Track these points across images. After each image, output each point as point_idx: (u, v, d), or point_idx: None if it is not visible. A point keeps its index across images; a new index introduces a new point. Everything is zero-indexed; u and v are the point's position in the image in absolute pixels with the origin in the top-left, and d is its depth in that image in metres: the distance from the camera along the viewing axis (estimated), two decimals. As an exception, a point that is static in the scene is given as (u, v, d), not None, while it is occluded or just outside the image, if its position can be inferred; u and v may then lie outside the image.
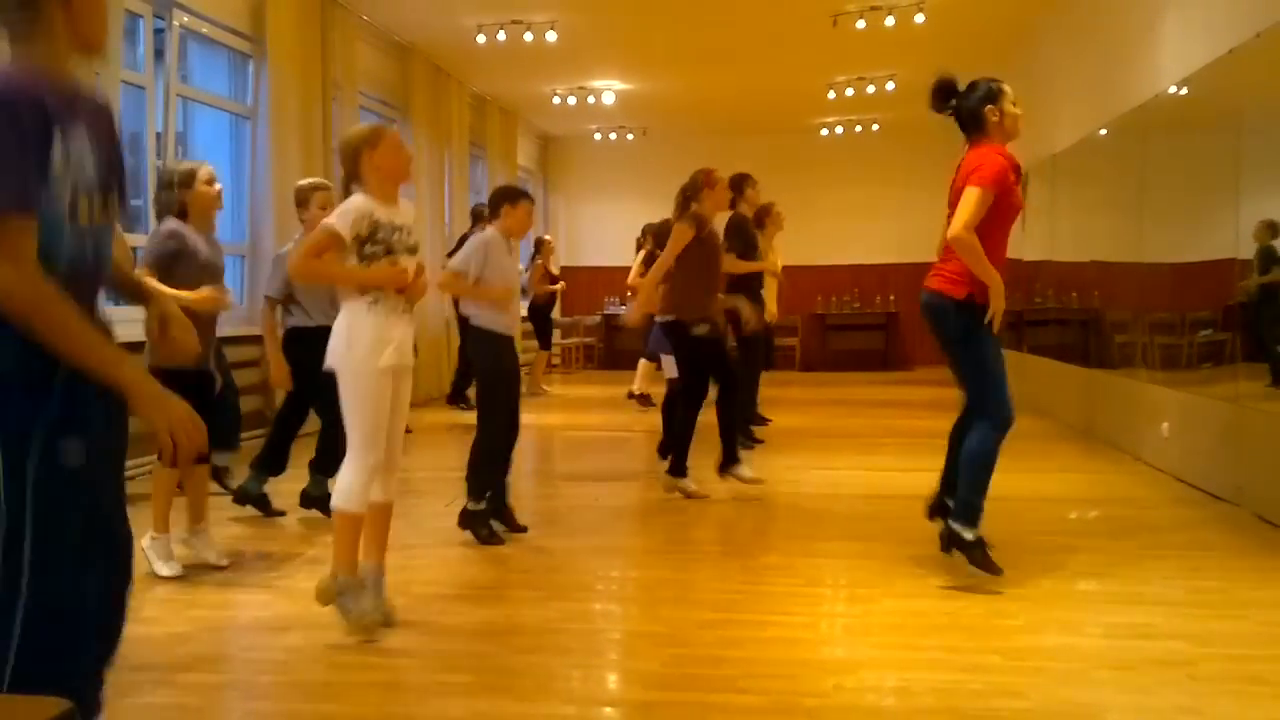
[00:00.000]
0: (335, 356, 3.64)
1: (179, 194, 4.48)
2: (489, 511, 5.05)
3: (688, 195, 6.01)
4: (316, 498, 5.49)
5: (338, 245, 3.58)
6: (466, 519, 5.01)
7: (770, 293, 8.57)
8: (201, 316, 4.53)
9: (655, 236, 8.09)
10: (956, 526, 4.26)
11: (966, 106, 4.33)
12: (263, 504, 5.61)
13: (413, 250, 3.73)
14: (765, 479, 6.17)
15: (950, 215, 4.29)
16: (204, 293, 4.36)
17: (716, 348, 6.04)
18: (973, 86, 4.35)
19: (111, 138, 2.16)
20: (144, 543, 4.35)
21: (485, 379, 5.16)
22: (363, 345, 3.59)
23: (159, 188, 4.63)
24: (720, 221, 6.84)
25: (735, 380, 6.11)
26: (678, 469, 6.05)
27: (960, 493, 4.30)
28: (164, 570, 4.38)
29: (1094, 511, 5.77)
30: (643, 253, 9.78)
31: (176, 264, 4.40)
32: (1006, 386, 4.24)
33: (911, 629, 3.75)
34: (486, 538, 4.95)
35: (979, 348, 4.22)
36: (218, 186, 4.60)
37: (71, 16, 2.04)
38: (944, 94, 4.40)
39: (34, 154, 1.93)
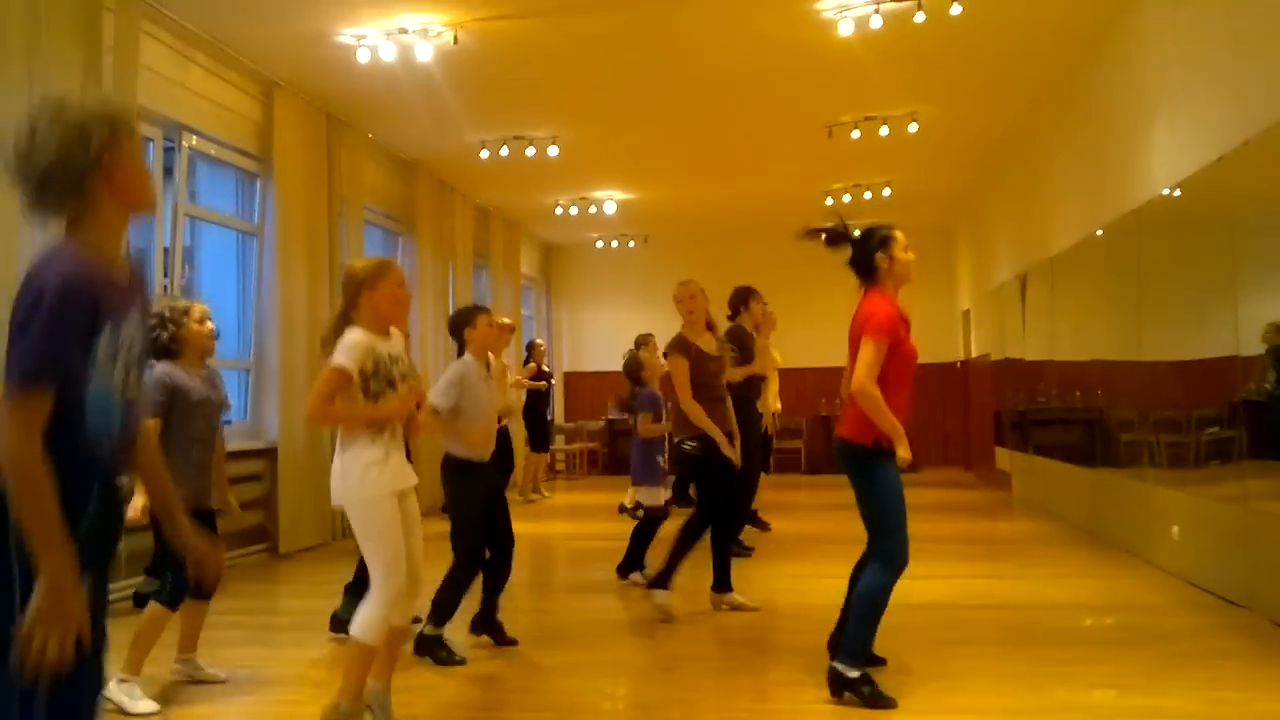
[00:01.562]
0: (343, 492, 3.67)
1: (170, 332, 4.44)
2: (485, 619, 5.08)
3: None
4: (346, 621, 5.34)
5: (348, 385, 3.63)
6: (424, 645, 4.90)
7: (771, 391, 8.59)
8: (204, 452, 4.51)
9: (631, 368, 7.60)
10: (841, 666, 4.15)
11: (859, 256, 4.42)
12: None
13: (405, 377, 3.79)
14: (760, 607, 5.99)
15: (851, 362, 4.35)
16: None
17: (707, 467, 5.87)
18: (867, 235, 4.43)
19: (146, 312, 2.29)
20: (111, 686, 4.05)
21: (458, 514, 5.07)
22: (370, 476, 3.63)
23: (150, 322, 4.55)
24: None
25: (728, 511, 5.97)
26: (663, 579, 5.87)
27: (850, 630, 4.23)
28: (142, 708, 4.14)
29: (1108, 619, 5.67)
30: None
31: (172, 407, 4.38)
32: (905, 530, 4.22)
33: (925, 748, 3.66)
34: (445, 659, 4.85)
35: (883, 490, 4.22)
36: (210, 325, 4.57)
37: (115, 190, 2.16)
38: (835, 241, 4.49)
39: (76, 341, 2.05)
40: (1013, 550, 8.21)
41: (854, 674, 4.11)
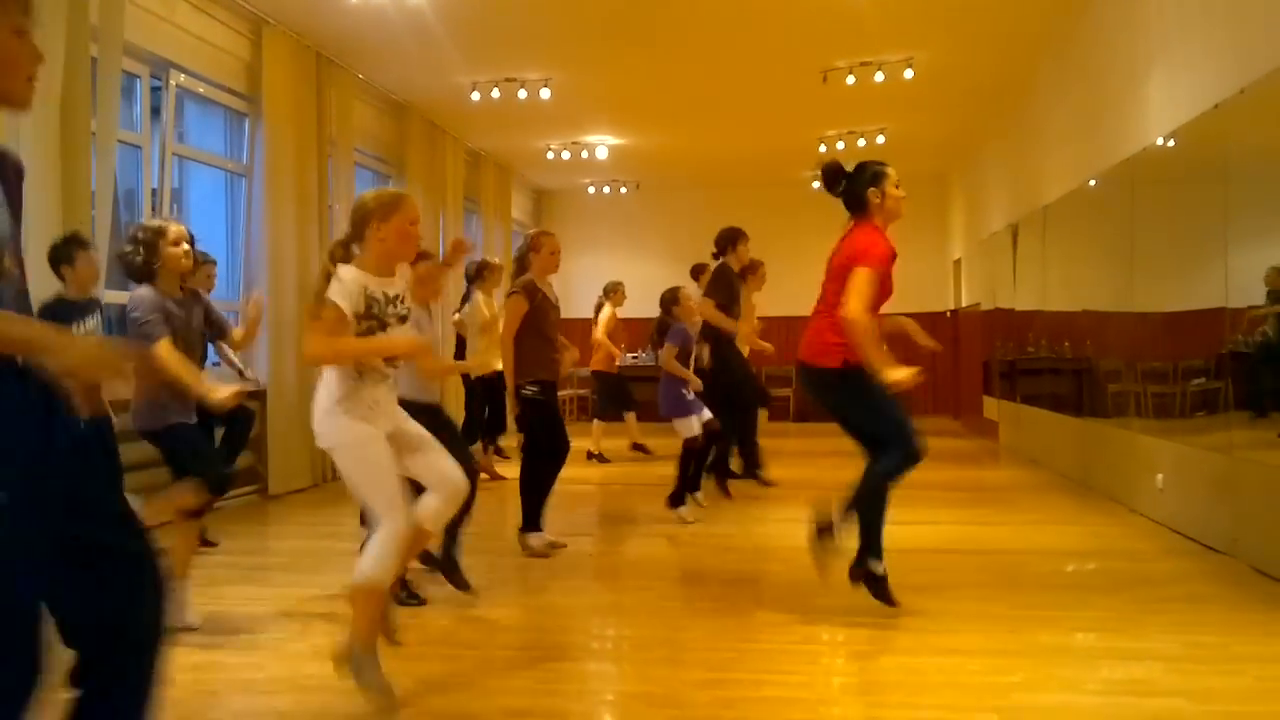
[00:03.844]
0: (330, 435, 3.60)
1: (146, 255, 4.34)
2: (446, 564, 5.06)
3: (520, 259, 6.10)
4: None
5: (346, 323, 3.53)
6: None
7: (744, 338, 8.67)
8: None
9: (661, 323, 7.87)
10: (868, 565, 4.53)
11: (852, 189, 4.56)
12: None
13: (404, 319, 3.71)
14: (566, 544, 6.19)
15: (825, 284, 4.54)
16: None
17: (545, 411, 6.02)
18: (860, 169, 4.59)
19: (18, 193, 2.09)
20: None
21: None
22: (357, 416, 3.57)
23: (125, 244, 4.42)
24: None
25: (560, 450, 6.12)
26: (531, 524, 6.03)
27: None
28: (191, 620, 4.36)
29: (1091, 564, 5.74)
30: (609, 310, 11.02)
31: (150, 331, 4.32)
32: (909, 425, 4.44)
33: (909, 687, 3.72)
34: (404, 600, 4.80)
35: (873, 402, 4.42)
36: (185, 247, 4.43)
37: None
38: (833, 178, 4.63)
39: None
40: (999, 497, 8.28)
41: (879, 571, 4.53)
